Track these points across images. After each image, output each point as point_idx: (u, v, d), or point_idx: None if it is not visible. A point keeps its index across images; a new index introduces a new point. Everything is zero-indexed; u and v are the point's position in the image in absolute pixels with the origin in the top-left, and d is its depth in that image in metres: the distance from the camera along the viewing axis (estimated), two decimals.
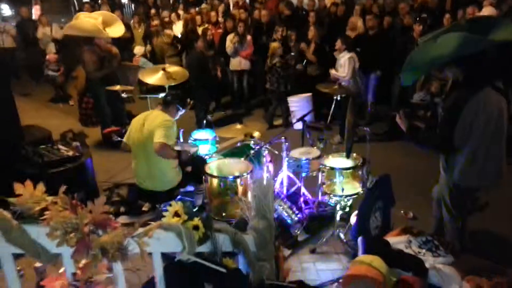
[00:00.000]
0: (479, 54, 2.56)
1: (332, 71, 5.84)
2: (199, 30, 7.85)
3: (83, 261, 1.33)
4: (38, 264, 2.43)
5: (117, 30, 5.76)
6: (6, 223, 1.16)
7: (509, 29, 2.52)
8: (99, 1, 10.82)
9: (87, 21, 5.53)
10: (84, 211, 1.26)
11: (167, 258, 1.83)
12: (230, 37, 7.19)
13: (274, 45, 6.36)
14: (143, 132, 3.51)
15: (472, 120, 2.66)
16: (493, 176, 2.83)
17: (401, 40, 6.14)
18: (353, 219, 3.61)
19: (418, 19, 6.20)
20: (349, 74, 5.64)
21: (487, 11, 6.29)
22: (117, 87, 5.28)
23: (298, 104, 6.28)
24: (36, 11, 9.72)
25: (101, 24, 5.45)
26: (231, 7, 9.28)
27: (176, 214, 1.64)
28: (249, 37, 7.24)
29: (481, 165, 2.75)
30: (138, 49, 8.28)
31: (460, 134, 2.71)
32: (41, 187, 1.27)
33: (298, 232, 3.81)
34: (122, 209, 4.09)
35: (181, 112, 3.77)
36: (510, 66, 2.84)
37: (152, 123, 3.48)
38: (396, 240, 2.84)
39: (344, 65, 5.71)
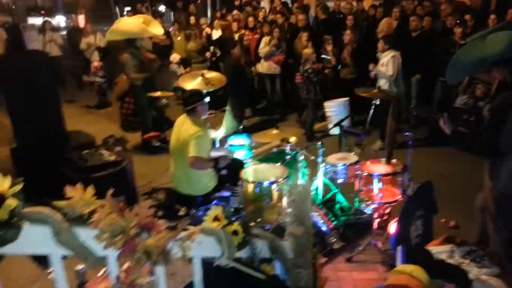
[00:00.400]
0: None
1: (374, 67, 5.71)
2: (236, 36, 7.95)
3: (126, 264, 1.37)
4: (79, 267, 2.53)
5: (158, 29, 5.93)
6: (58, 225, 1.22)
7: None
8: (143, 8, 11.17)
9: (130, 22, 5.72)
10: (131, 214, 1.30)
11: (205, 263, 1.86)
12: (265, 39, 7.23)
13: (306, 51, 6.29)
14: (179, 139, 3.62)
15: None
16: None
17: (442, 43, 5.95)
18: (391, 227, 3.52)
19: (458, 21, 6.01)
20: (394, 72, 5.53)
21: None
22: (158, 93, 5.43)
23: (335, 109, 6.23)
24: (81, 20, 10.17)
25: (143, 23, 5.64)
26: (266, 13, 9.32)
27: (216, 219, 1.66)
28: (284, 43, 7.25)
29: None
30: (174, 57, 8.48)
31: (507, 138, 2.59)
32: (90, 190, 1.33)
33: (334, 240, 3.75)
34: (159, 213, 4.19)
35: (207, 105, 3.78)
36: None
37: (185, 134, 3.58)
38: (438, 250, 2.75)
39: (388, 63, 5.59)
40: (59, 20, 12.64)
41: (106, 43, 8.91)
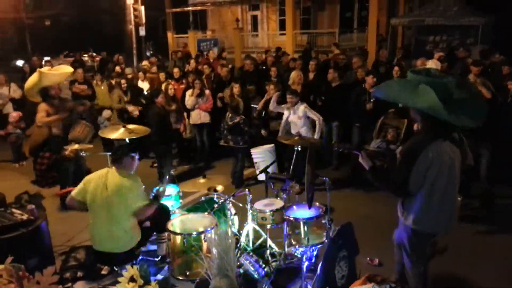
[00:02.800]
0: None
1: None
2: (162, 86, 7.98)
3: None
4: None
5: (66, 69, 5.85)
6: None
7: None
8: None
9: (34, 75, 5.53)
10: (31, 283, 1.20)
11: None
12: (189, 92, 7.36)
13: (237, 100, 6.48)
14: (108, 193, 3.45)
15: (426, 168, 2.78)
16: (446, 223, 2.93)
17: (354, 92, 6.48)
18: (319, 271, 3.58)
19: (369, 71, 6.62)
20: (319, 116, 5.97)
21: (433, 64, 6.84)
22: (76, 146, 5.19)
23: (261, 156, 6.36)
24: None
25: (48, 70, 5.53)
26: (191, 63, 9.53)
27: (132, 279, 1.58)
28: (207, 91, 7.40)
29: (435, 212, 2.85)
30: (106, 113, 8.27)
31: (415, 180, 2.82)
32: None
33: (266, 287, 3.71)
34: (79, 273, 3.87)
35: (137, 158, 3.72)
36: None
37: (116, 187, 3.45)
38: None
39: (305, 114, 6.02)
40: None
41: (20, 95, 8.45)
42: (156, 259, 3.96)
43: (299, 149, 4.62)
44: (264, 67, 8.80)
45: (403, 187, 2.86)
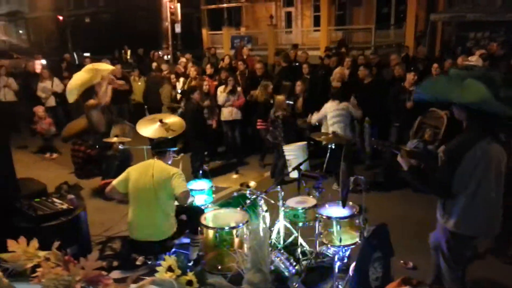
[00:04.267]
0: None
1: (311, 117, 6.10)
2: (194, 82, 8.09)
3: None
4: None
5: (106, 66, 6.03)
6: None
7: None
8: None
9: (79, 73, 5.72)
10: (77, 267, 1.24)
11: None
12: (220, 89, 7.41)
13: (279, 97, 6.42)
14: (153, 181, 3.62)
15: (473, 167, 2.69)
16: (489, 227, 2.82)
17: (393, 90, 6.33)
18: (352, 270, 3.53)
19: (412, 68, 6.44)
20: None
21: (476, 61, 6.57)
22: (114, 139, 5.34)
23: (294, 153, 6.33)
24: (37, 65, 10.00)
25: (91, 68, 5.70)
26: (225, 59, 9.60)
27: (170, 269, 1.61)
28: (239, 88, 7.44)
29: (478, 214, 2.75)
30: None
31: (459, 180, 2.72)
32: (34, 243, 1.27)
33: (296, 285, 3.70)
34: (115, 263, 4.00)
35: (174, 155, 4.01)
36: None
37: (162, 174, 3.66)
38: None
39: (346, 111, 5.97)
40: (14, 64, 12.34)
41: (62, 89, 8.77)
42: (189, 264, 4.00)
43: (333, 147, 4.56)
44: (297, 64, 8.74)
45: (446, 187, 2.77)
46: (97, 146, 5.94)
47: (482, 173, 2.69)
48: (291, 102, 7.04)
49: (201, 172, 5.29)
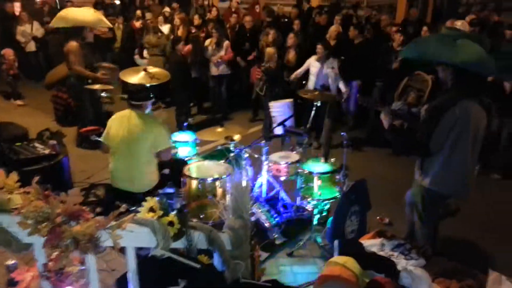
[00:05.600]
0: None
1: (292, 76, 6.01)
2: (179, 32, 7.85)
3: (55, 253, 1.32)
4: (9, 262, 2.39)
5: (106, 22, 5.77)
6: None
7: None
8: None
9: (82, 10, 5.47)
10: (57, 201, 1.25)
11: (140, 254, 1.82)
12: (207, 41, 7.22)
13: (270, 50, 6.28)
14: (130, 132, 3.49)
15: (450, 127, 2.72)
16: (462, 187, 2.90)
17: (381, 49, 6.28)
18: (330, 223, 3.66)
19: (400, 29, 6.36)
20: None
21: (461, 25, 6.49)
22: (97, 86, 5.22)
23: (279, 110, 6.32)
24: (16, 8, 9.53)
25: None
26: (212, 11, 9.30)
27: (151, 210, 1.64)
28: (226, 42, 7.24)
29: (452, 173, 2.82)
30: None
31: (437, 139, 2.76)
32: (13, 176, 1.26)
33: (276, 236, 3.82)
34: (98, 209, 4.02)
35: (152, 101, 3.77)
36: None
37: (137, 127, 3.48)
38: (370, 243, 2.89)
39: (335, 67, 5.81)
40: None
41: (42, 33, 8.44)
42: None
43: (319, 104, 4.57)
44: (286, 20, 8.53)
45: (426, 145, 2.79)
46: (76, 94, 5.79)
47: (459, 133, 2.73)
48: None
49: (185, 124, 5.26)
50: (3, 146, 3.95)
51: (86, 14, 5.47)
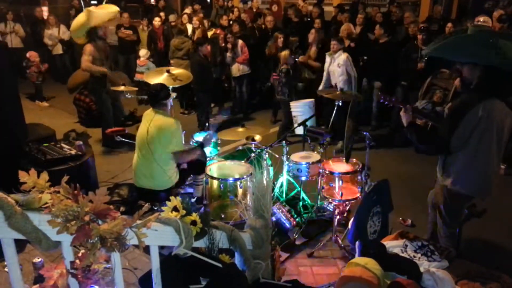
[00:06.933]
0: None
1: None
2: (208, 34, 7.92)
3: (82, 251, 1.37)
4: (36, 260, 2.47)
5: (112, 8, 5.73)
6: (10, 209, 1.20)
7: None
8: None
9: (83, 14, 5.54)
10: (85, 200, 1.30)
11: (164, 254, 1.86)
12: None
13: (284, 53, 6.28)
14: (149, 132, 3.55)
15: (473, 126, 2.67)
16: (485, 187, 2.84)
17: (405, 49, 6.18)
18: (351, 224, 3.63)
19: (422, 28, 6.25)
20: (355, 72, 5.72)
21: (484, 21, 6.30)
22: (122, 87, 5.34)
23: (300, 109, 6.33)
24: (44, 12, 9.83)
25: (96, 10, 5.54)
26: (234, 12, 9.36)
27: (175, 209, 1.68)
28: (240, 42, 7.24)
29: (475, 173, 2.77)
30: (144, 52, 8.35)
31: (460, 138, 2.71)
32: (44, 175, 1.32)
33: (296, 236, 3.83)
34: (122, 208, 4.12)
35: (172, 98, 3.82)
36: None
37: (157, 127, 3.53)
38: (392, 244, 2.86)
39: (344, 64, 5.73)
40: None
41: (69, 36, 8.66)
42: (193, 200, 4.13)
43: (340, 104, 4.54)
44: (309, 19, 8.51)
45: (446, 142, 2.74)
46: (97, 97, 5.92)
47: (483, 132, 2.67)
48: (296, 59, 6.90)
49: (207, 124, 5.33)
50: (31, 147, 4.09)
51: (79, 17, 5.53)
